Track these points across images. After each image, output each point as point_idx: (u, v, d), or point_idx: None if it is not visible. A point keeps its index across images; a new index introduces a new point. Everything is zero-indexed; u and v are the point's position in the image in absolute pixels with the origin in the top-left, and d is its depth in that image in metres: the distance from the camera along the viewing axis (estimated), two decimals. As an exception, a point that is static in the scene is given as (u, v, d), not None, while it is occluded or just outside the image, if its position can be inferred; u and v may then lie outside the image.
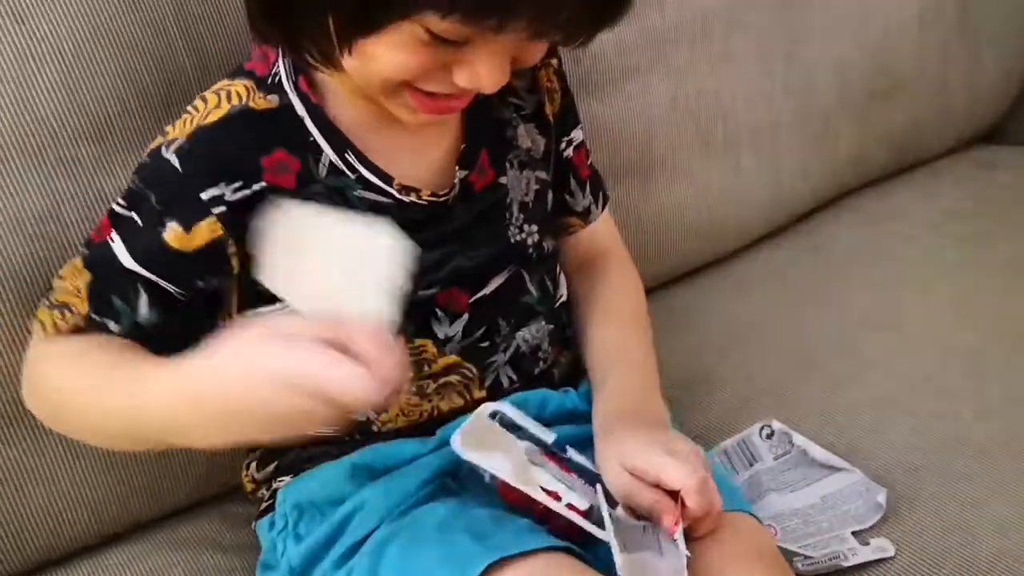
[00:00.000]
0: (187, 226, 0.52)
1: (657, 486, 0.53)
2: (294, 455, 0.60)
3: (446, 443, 0.55)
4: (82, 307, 0.53)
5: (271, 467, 0.61)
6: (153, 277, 0.52)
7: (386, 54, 0.49)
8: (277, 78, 0.55)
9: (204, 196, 0.52)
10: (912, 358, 0.80)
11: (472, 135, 0.59)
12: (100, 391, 0.49)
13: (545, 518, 0.53)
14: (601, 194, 0.70)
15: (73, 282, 0.53)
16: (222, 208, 0.52)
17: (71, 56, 0.58)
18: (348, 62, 0.50)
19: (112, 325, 0.52)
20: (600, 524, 0.52)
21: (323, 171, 0.55)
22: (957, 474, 0.67)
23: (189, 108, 0.54)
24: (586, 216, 0.69)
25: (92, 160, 0.59)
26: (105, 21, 0.59)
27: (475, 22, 0.46)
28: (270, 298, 0.47)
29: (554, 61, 0.65)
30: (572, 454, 0.56)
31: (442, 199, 0.57)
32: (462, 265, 0.58)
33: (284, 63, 0.54)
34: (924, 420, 0.72)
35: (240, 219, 0.52)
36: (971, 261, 0.94)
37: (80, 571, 0.65)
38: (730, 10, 0.89)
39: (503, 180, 0.60)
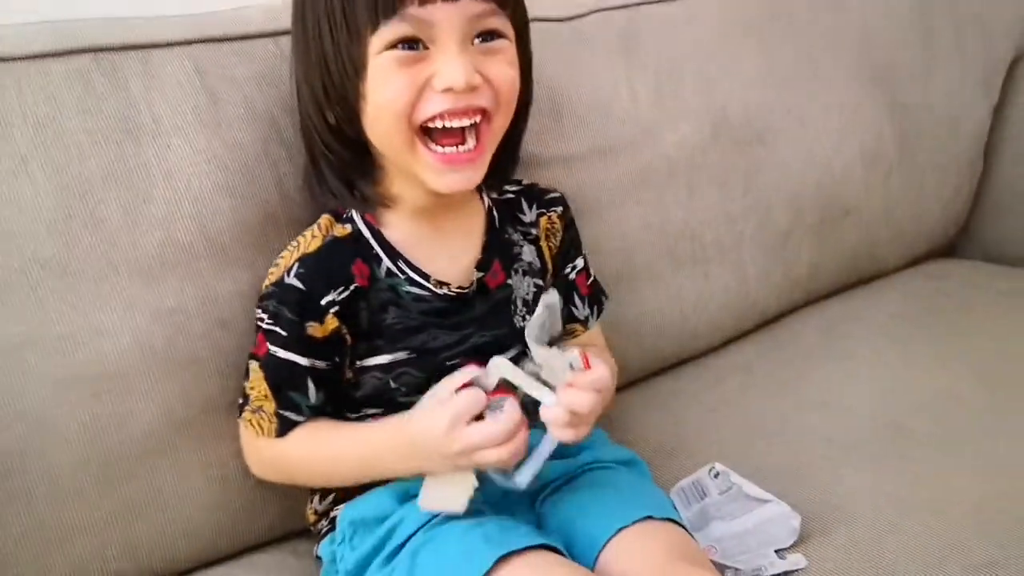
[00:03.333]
0: (320, 321, 0.74)
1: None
2: (348, 488, 0.79)
3: None
4: (270, 406, 0.75)
5: (330, 498, 0.80)
6: (307, 361, 0.75)
7: (379, 89, 0.70)
8: (349, 214, 0.78)
9: (323, 302, 0.74)
10: (848, 428, 0.96)
11: (489, 250, 0.81)
12: (339, 459, 0.75)
13: None
14: (597, 307, 0.91)
15: (260, 389, 0.75)
16: (336, 308, 0.75)
17: (206, 200, 0.81)
18: (370, 124, 0.72)
19: (293, 415, 0.75)
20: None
21: (383, 273, 0.77)
22: (870, 510, 0.83)
23: (291, 244, 0.77)
24: (586, 323, 0.90)
25: (211, 271, 0.81)
26: (225, 179, 0.82)
27: (391, 4, 0.67)
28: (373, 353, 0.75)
29: (558, 208, 0.88)
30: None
31: (465, 291, 0.79)
32: (478, 342, 0.79)
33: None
34: (850, 471, 0.88)
35: (347, 312, 0.75)
36: (910, 355, 1.10)
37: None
38: (691, 155, 1.07)
39: (510, 282, 0.82)
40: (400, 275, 0.78)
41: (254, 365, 0.76)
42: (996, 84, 1.40)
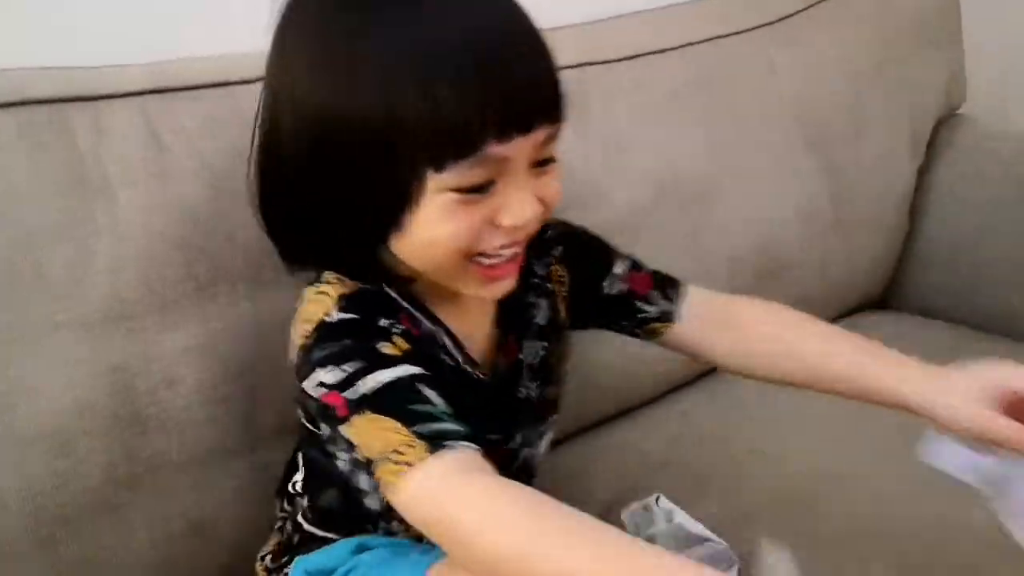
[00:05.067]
0: (389, 341, 0.63)
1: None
2: (300, 541, 0.77)
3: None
4: (401, 435, 0.58)
5: (284, 558, 0.78)
6: (403, 370, 0.61)
7: (433, 226, 0.60)
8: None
9: (382, 324, 0.64)
10: (784, 478, 1.00)
11: (504, 324, 0.74)
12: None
13: None
14: (675, 292, 0.82)
15: (377, 430, 0.59)
16: (398, 332, 0.64)
17: (153, 254, 0.80)
18: (408, 251, 0.63)
19: (434, 424, 0.58)
20: None
21: (425, 333, 0.68)
22: (808, 558, 0.84)
23: (311, 299, 0.66)
24: (668, 317, 0.81)
25: (157, 328, 0.80)
26: (174, 232, 0.81)
27: (468, 145, 0.57)
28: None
29: (557, 249, 0.79)
30: None
31: (484, 379, 0.72)
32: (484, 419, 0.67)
33: None
34: (787, 520, 0.91)
35: (408, 343, 0.64)
36: (838, 403, 1.13)
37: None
38: (636, 215, 1.09)
39: (520, 356, 0.75)
40: (438, 344, 0.69)
41: (354, 428, 0.60)
42: (921, 146, 1.48)
